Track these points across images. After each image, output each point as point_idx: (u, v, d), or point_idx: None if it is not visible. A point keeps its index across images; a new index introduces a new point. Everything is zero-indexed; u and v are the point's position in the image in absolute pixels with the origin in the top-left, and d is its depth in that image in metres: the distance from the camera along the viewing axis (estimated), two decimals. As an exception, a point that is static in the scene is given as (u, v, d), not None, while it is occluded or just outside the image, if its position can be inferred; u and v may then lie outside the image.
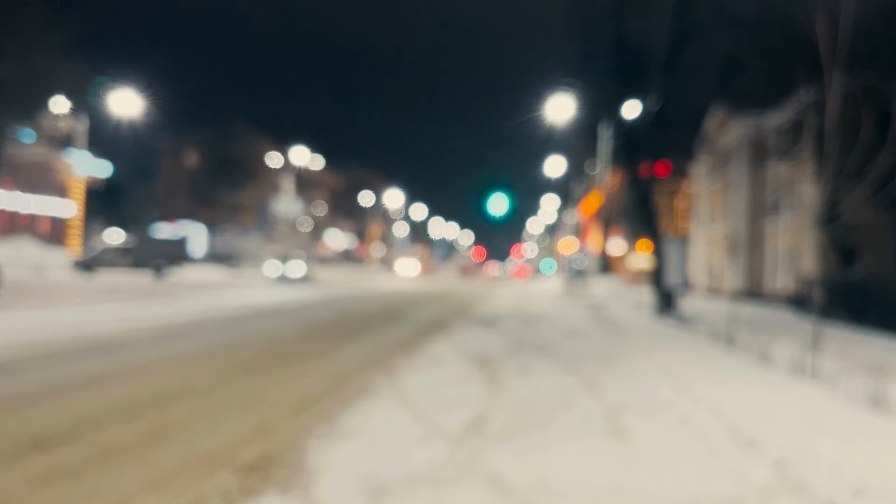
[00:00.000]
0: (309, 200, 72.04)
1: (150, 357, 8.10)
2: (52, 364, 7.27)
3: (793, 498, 3.87)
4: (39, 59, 22.91)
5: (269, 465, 4.19)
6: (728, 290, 30.08)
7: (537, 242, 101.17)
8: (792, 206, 24.51)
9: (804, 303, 19.65)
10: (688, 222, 40.33)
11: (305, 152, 56.19)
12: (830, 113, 8.48)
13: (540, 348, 10.11)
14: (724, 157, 32.03)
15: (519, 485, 3.91)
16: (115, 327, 10.61)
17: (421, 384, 6.84)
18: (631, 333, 12.86)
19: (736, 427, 5.36)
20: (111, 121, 31.14)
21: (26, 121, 30.28)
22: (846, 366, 8.56)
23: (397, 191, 76.81)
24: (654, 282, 18.62)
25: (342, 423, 5.21)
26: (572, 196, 49.03)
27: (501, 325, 13.62)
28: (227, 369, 7.53)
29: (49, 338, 9.09)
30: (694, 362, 8.90)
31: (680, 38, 17.56)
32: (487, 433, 5.03)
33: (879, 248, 19.67)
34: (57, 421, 5.00)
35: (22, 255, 29.51)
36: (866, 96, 10.77)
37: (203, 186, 60.42)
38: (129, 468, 4.06)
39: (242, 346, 9.50)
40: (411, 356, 8.87)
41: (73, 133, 34.48)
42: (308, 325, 12.61)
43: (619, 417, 5.67)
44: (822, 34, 8.40)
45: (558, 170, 39.97)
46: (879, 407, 6.25)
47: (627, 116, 20.44)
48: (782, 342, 10.75)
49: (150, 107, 30.62)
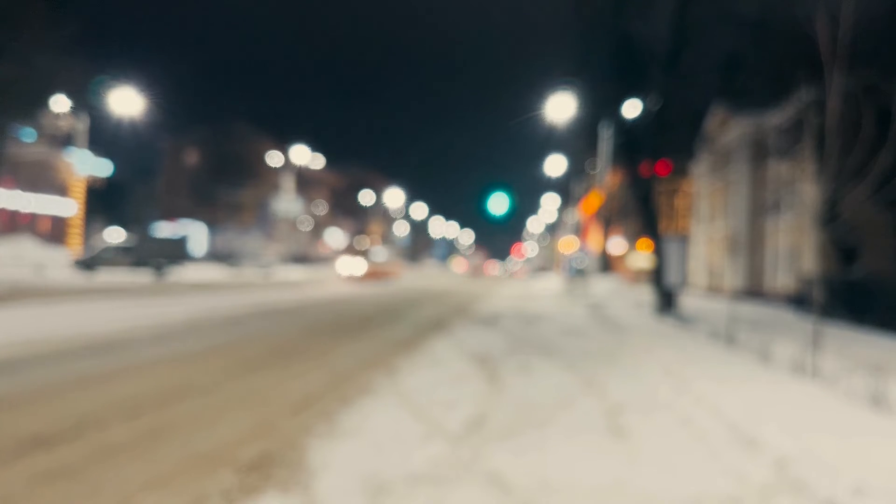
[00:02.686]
0: (309, 199, 72.11)
1: (150, 356, 8.11)
2: (52, 362, 7.27)
3: (793, 497, 3.87)
4: (40, 58, 22.91)
5: (269, 463, 4.20)
6: (728, 290, 30.08)
7: (538, 241, 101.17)
8: (792, 205, 24.50)
9: (804, 302, 19.65)
10: (688, 221, 40.32)
11: (306, 151, 56.24)
12: (831, 112, 8.47)
13: (540, 347, 10.11)
14: (724, 156, 32.01)
15: (519, 484, 3.91)
16: (115, 326, 10.61)
17: (421, 383, 6.85)
18: (631, 332, 12.86)
19: (736, 426, 5.36)
20: (112, 120, 31.15)
21: (27, 120, 30.32)
22: (846, 365, 8.56)
23: (398, 190, 76.88)
24: (654, 281, 18.62)
25: (342, 421, 5.22)
26: (573, 195, 49.05)
27: (502, 324, 13.62)
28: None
29: (49, 336, 9.10)
30: (694, 361, 8.90)
31: (680, 38, 17.55)
32: (488, 432, 5.03)
33: (880, 247, 19.65)
34: (57, 419, 5.00)
35: (22, 254, 29.54)
36: (867, 95, 10.76)
37: (203, 185, 60.42)
38: (129, 466, 4.07)
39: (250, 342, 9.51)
40: (412, 355, 8.88)
41: (73, 132, 34.49)
42: (309, 325, 12.61)
43: (620, 416, 5.68)
44: (823, 33, 8.39)
45: (559, 169, 39.98)
46: (880, 406, 6.25)
47: (628, 115, 20.43)
48: (783, 341, 10.75)
49: (150, 106, 30.64)
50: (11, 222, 39.86)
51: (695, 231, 37.48)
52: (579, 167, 43.14)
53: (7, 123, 26.24)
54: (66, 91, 29.47)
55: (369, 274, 34.36)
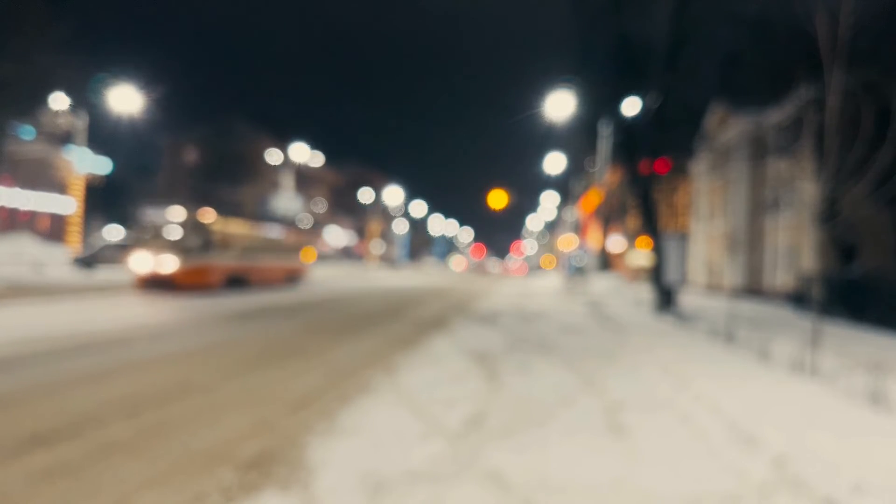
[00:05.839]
0: (309, 197, 72.10)
1: (150, 354, 8.10)
2: (52, 361, 7.26)
3: (792, 495, 3.88)
4: (39, 56, 22.91)
5: (269, 461, 4.20)
6: (728, 287, 30.10)
7: (537, 239, 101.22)
8: (792, 203, 24.52)
9: (804, 300, 19.67)
10: (688, 219, 40.33)
11: (305, 149, 56.17)
12: (830, 110, 8.46)
13: (539, 345, 10.12)
14: (724, 154, 32.02)
15: (518, 481, 3.91)
16: (114, 324, 10.61)
17: (421, 381, 6.85)
18: (630, 330, 12.86)
19: (735, 424, 5.36)
20: (111, 117, 31.11)
21: (26, 117, 30.28)
22: (845, 363, 8.57)
23: (397, 188, 76.78)
24: (653, 279, 18.63)
25: (342, 419, 5.22)
26: (572, 193, 49.03)
27: (501, 322, 13.63)
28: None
29: (49, 334, 9.09)
30: (693, 359, 8.90)
31: (680, 36, 17.54)
32: (487, 430, 5.04)
33: (879, 245, 19.66)
34: (57, 417, 5.00)
35: (21, 252, 29.53)
36: (867, 93, 10.76)
37: (202, 183, 60.36)
38: (129, 464, 4.07)
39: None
40: (411, 353, 8.88)
41: (72, 130, 34.44)
42: (309, 325, 12.61)
43: (619, 414, 5.68)
44: (822, 31, 8.38)
45: (558, 167, 39.91)
46: (878, 404, 6.26)
47: (627, 113, 20.43)
48: (782, 339, 10.77)
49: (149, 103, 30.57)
50: (11, 220, 39.86)
51: (694, 229, 37.49)
52: (579, 165, 43.14)
53: (6, 121, 26.22)
54: (65, 89, 29.46)
55: (191, 273, 18.21)
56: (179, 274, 17.93)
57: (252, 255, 21.71)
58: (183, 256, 18.02)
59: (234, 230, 20.79)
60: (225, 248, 19.76)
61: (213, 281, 19.20)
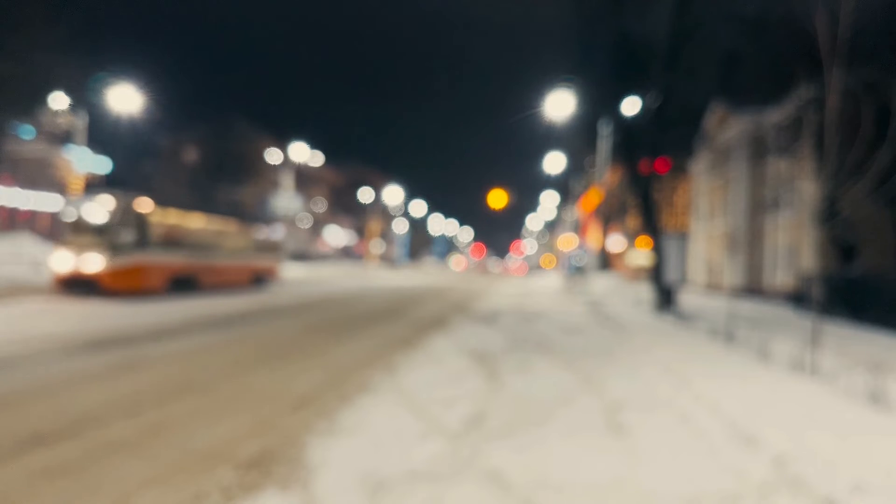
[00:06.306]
0: (308, 197, 72.10)
1: (150, 353, 8.10)
2: (51, 360, 7.26)
3: (792, 494, 3.88)
4: (39, 56, 22.89)
5: (269, 460, 4.20)
6: (728, 287, 30.09)
7: (537, 239, 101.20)
8: (792, 202, 24.51)
9: (804, 299, 19.67)
10: (687, 219, 40.33)
11: (305, 149, 56.14)
12: (830, 109, 8.47)
13: (539, 345, 10.12)
14: (723, 153, 32.01)
15: (518, 481, 3.91)
16: (113, 323, 10.61)
17: (421, 380, 6.85)
18: (630, 330, 12.86)
19: (735, 423, 5.36)
20: (111, 117, 31.11)
21: (26, 117, 30.31)
22: (845, 362, 8.57)
23: (397, 187, 76.77)
24: (653, 278, 18.62)
25: (342, 418, 5.22)
26: (572, 192, 49.06)
27: (501, 322, 13.62)
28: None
29: (49, 333, 9.09)
30: (693, 359, 8.90)
31: (680, 35, 17.54)
32: (487, 430, 5.04)
33: (879, 244, 19.66)
34: (57, 416, 5.00)
35: (21, 252, 29.50)
36: (866, 92, 10.76)
37: (202, 183, 60.35)
38: (129, 464, 4.07)
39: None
40: (411, 353, 8.88)
41: (72, 129, 34.42)
42: (310, 324, 12.62)
43: (619, 414, 5.68)
44: (822, 30, 8.38)
45: (558, 166, 39.94)
46: (878, 403, 6.26)
47: (627, 113, 20.43)
48: (782, 339, 10.77)
49: (149, 103, 30.57)
50: (10, 220, 39.85)
51: (694, 228, 37.49)
52: (579, 165, 43.18)
53: (6, 121, 26.22)
54: (64, 88, 29.45)
55: (123, 273, 15.47)
56: (106, 274, 15.10)
57: (206, 253, 18.72)
58: (111, 253, 15.24)
59: (181, 222, 17.83)
60: (169, 245, 16.91)
61: (153, 283, 16.25)
